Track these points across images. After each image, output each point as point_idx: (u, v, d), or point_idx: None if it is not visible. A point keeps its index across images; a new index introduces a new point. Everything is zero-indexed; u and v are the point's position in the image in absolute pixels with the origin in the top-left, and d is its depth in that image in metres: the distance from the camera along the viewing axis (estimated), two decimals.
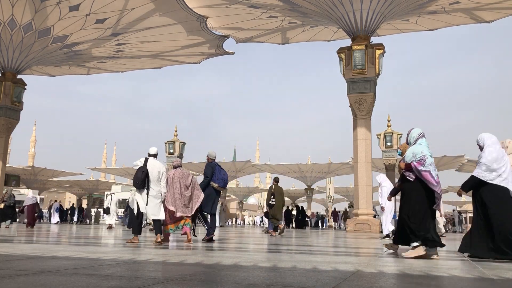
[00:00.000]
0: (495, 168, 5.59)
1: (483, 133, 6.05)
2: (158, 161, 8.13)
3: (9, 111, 21.85)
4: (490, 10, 20.75)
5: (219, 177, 8.75)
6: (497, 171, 5.59)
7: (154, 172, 7.85)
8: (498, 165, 5.61)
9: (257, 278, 3.24)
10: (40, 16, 19.20)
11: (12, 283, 2.75)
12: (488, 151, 5.75)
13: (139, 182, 7.69)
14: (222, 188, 8.83)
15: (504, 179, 5.57)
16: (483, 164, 5.70)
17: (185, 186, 8.22)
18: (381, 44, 18.85)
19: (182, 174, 8.29)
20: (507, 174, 5.61)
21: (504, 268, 4.60)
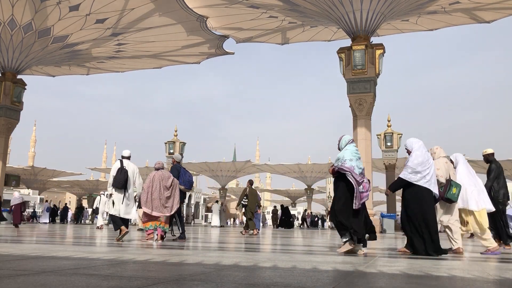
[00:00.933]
0: (420, 170, 6.14)
1: (411, 138, 6.62)
2: (131, 163, 8.67)
3: (9, 111, 21.85)
4: (490, 10, 20.75)
5: (184, 179, 9.20)
6: (421, 173, 6.14)
7: (130, 172, 8.39)
8: (423, 168, 6.16)
9: (257, 278, 3.24)
10: (40, 16, 19.20)
11: (12, 283, 2.75)
12: (414, 155, 6.32)
13: (122, 182, 8.21)
14: (187, 190, 9.29)
15: (427, 181, 6.12)
16: (409, 167, 6.24)
17: (165, 187, 8.57)
18: (381, 44, 18.85)
19: (163, 176, 8.64)
20: (430, 176, 6.16)
21: (503, 268, 4.61)
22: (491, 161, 8.82)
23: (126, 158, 8.72)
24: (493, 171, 8.50)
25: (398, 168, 33.66)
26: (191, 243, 8.41)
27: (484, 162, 9.06)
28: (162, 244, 7.78)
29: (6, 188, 29.69)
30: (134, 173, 8.57)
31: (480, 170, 42.06)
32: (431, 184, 6.17)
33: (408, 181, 6.18)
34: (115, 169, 8.40)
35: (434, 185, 6.25)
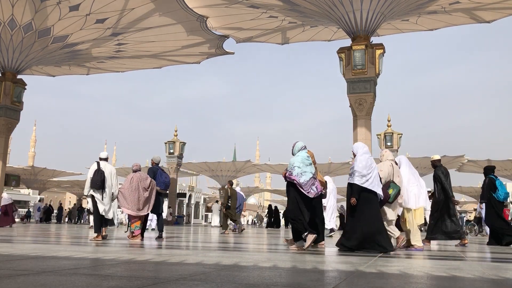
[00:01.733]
0: (365, 174, 6.71)
1: (357, 143, 7.33)
2: (108, 164, 9.06)
3: (9, 111, 21.84)
4: (490, 10, 20.75)
5: (160, 180, 9.46)
6: (366, 177, 6.71)
7: (107, 174, 8.74)
8: (367, 171, 6.74)
9: (257, 278, 3.24)
10: (40, 16, 19.20)
11: (12, 283, 2.75)
12: (359, 159, 6.89)
13: (98, 183, 8.57)
14: (163, 191, 9.59)
15: (371, 183, 6.70)
16: (356, 171, 6.81)
17: (144, 188, 8.91)
18: (381, 44, 18.85)
19: (141, 177, 8.98)
20: (373, 179, 6.75)
21: (503, 268, 4.61)
22: (436, 167, 9.72)
23: (103, 159, 9.08)
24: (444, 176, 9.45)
25: None
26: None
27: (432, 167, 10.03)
28: (159, 244, 7.78)
29: (6, 188, 29.67)
30: (111, 174, 8.90)
31: (479, 170, 42.07)
32: (374, 185, 6.73)
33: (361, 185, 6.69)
34: (92, 171, 8.70)
35: (378, 186, 6.79)
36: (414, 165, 37.28)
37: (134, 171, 9.25)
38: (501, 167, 39.81)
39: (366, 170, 6.73)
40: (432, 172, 10.00)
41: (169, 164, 34.31)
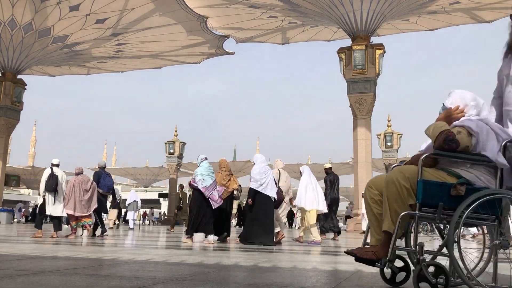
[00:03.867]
0: (258, 179, 7.91)
1: (256, 154, 8.60)
2: (60, 170, 10.03)
3: (9, 111, 21.85)
4: (490, 10, 20.75)
5: (103, 183, 10.38)
6: (259, 181, 7.90)
7: (59, 178, 9.73)
8: (261, 177, 7.93)
9: (257, 278, 3.24)
10: (40, 16, 19.20)
11: (12, 283, 2.75)
12: (255, 168, 8.12)
13: (53, 186, 9.56)
14: (106, 193, 10.61)
15: (264, 188, 7.87)
16: (252, 177, 8.03)
17: (85, 190, 9.73)
18: (381, 44, 18.84)
19: (82, 180, 9.80)
20: (266, 184, 7.89)
21: (503, 268, 4.60)
22: (327, 174, 11.89)
23: (56, 165, 9.96)
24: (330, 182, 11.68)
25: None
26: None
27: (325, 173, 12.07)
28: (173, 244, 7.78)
29: (6, 188, 29.71)
30: (62, 178, 9.93)
31: None
32: (267, 189, 7.89)
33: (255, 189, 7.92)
34: (46, 175, 9.66)
35: (271, 190, 7.98)
36: None
37: (77, 174, 10.01)
38: None
39: (260, 176, 7.93)
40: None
41: (169, 164, 34.25)
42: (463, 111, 2.77)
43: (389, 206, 2.59)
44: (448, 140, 2.55)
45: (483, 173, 2.58)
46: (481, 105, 2.81)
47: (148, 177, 63.38)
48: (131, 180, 68.90)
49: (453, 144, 2.54)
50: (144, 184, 66.11)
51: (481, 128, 2.59)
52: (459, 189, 2.47)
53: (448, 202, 2.47)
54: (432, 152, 2.60)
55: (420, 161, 2.55)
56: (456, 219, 2.39)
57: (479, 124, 2.62)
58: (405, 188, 2.56)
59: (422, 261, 2.41)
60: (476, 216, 2.47)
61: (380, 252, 2.61)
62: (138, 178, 65.19)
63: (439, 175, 2.58)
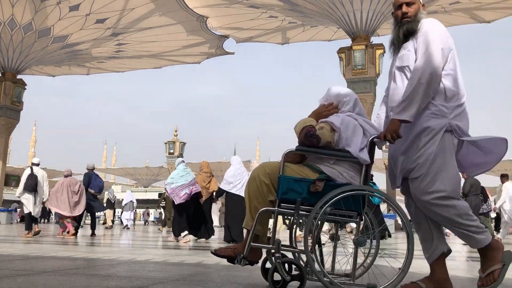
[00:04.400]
0: (232, 181, 8.20)
1: (233, 157, 8.98)
2: (40, 169, 10.18)
3: (9, 111, 21.84)
4: (490, 10, 20.76)
5: (94, 184, 10.62)
6: (233, 183, 8.17)
7: (39, 178, 9.84)
8: (235, 179, 8.21)
9: (257, 278, 3.24)
10: (40, 16, 19.20)
11: (12, 283, 2.75)
12: (229, 170, 8.44)
13: (32, 186, 9.66)
14: (97, 193, 10.80)
15: (238, 189, 8.07)
16: (224, 179, 8.31)
17: (73, 192, 9.96)
18: (382, 44, 18.85)
19: (70, 182, 10.05)
20: (242, 184, 8.01)
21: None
22: None
23: (36, 165, 10.14)
24: None
25: None
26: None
27: None
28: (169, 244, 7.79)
29: (6, 188, 29.70)
30: (43, 178, 10.04)
31: None
32: (241, 190, 7.98)
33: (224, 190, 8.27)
34: (25, 175, 9.77)
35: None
36: None
37: (65, 176, 10.31)
38: (501, 167, 39.75)
39: (234, 178, 8.23)
40: None
41: (169, 164, 34.22)
42: (337, 107, 2.77)
43: (250, 203, 2.58)
44: (308, 135, 2.54)
45: (346, 169, 2.56)
46: (352, 101, 2.79)
47: (148, 177, 63.37)
48: (131, 180, 68.88)
49: (314, 140, 2.54)
50: (144, 184, 66.10)
51: (347, 124, 2.58)
52: (317, 185, 2.46)
53: (308, 198, 2.45)
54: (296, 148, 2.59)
55: (282, 156, 2.55)
56: (313, 215, 2.37)
57: (346, 120, 2.61)
58: (265, 184, 2.54)
59: (276, 258, 2.40)
60: (339, 213, 2.44)
61: (240, 249, 2.57)
62: (138, 178, 65.18)
63: (302, 171, 2.56)
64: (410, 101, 2.40)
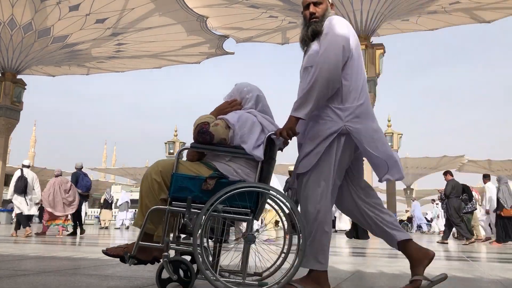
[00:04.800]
0: None
1: None
2: (30, 171, 10.32)
3: (9, 111, 21.82)
4: (490, 10, 20.74)
5: (82, 184, 10.82)
6: None
7: (29, 179, 10.00)
8: None
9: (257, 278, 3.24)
10: (40, 16, 19.19)
11: (12, 283, 2.75)
12: None
13: (22, 187, 9.81)
14: (85, 193, 11.04)
15: None
16: None
17: (65, 190, 10.19)
18: (381, 44, 18.85)
19: (61, 181, 10.25)
20: None
21: (504, 269, 4.62)
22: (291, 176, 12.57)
23: (26, 167, 10.24)
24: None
25: None
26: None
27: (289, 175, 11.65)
28: None
29: (6, 188, 29.66)
30: (33, 179, 10.17)
31: (479, 170, 42.09)
32: None
33: None
34: (15, 177, 9.92)
35: None
36: (414, 165, 37.34)
37: (56, 175, 10.48)
38: (501, 167, 39.79)
39: None
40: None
41: None
42: (241, 104, 2.76)
43: (141, 201, 2.56)
44: (201, 132, 2.54)
45: (242, 166, 2.54)
46: (255, 97, 2.77)
47: None
48: (131, 180, 68.88)
49: (207, 137, 2.53)
50: None
51: (245, 121, 2.57)
52: (207, 183, 2.44)
53: (200, 196, 2.43)
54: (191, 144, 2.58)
55: (176, 154, 2.56)
56: (204, 212, 2.35)
57: (244, 117, 2.60)
58: (156, 182, 2.52)
59: (164, 257, 2.38)
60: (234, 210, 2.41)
61: (130, 248, 2.54)
62: (138, 178, 65.09)
63: (196, 169, 2.55)
64: (306, 98, 2.40)
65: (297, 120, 2.42)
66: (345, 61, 2.47)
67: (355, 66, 2.52)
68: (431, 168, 40.71)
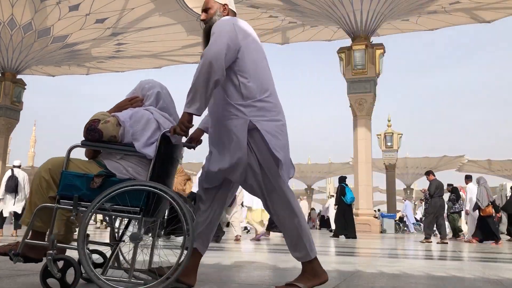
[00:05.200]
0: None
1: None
2: (21, 171, 10.40)
3: (9, 111, 21.81)
4: (490, 10, 20.74)
5: None
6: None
7: (20, 179, 10.13)
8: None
9: (257, 278, 3.24)
10: (40, 16, 19.19)
11: (12, 283, 2.75)
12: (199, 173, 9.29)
13: (12, 187, 9.98)
14: None
15: None
16: (195, 182, 8.76)
17: None
18: (381, 44, 18.85)
19: None
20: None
21: (503, 268, 4.62)
22: None
23: (17, 167, 10.37)
24: None
25: (398, 168, 33.64)
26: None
27: None
28: None
29: None
30: (24, 179, 10.32)
31: (479, 170, 42.09)
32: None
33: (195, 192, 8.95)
34: (6, 177, 10.11)
35: None
36: (414, 165, 37.32)
37: None
38: (501, 167, 39.79)
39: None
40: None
41: None
42: (142, 101, 2.75)
43: (30, 199, 2.55)
44: (90, 130, 2.52)
45: (133, 164, 2.52)
46: (154, 94, 2.77)
47: None
48: None
49: (95, 134, 2.51)
50: None
51: (139, 118, 2.56)
52: (94, 181, 2.43)
53: (88, 194, 2.42)
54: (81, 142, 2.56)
55: (67, 151, 2.53)
56: (90, 211, 2.34)
57: (139, 114, 2.59)
58: (45, 179, 2.51)
59: (48, 255, 2.36)
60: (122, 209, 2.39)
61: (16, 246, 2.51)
62: None
63: (87, 167, 2.53)
64: (194, 93, 2.42)
65: (189, 115, 2.42)
66: (234, 58, 2.49)
67: (251, 63, 2.54)
68: (431, 168, 40.66)
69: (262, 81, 2.57)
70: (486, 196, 11.14)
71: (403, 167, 38.52)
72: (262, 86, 2.55)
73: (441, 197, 11.10)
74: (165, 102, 2.80)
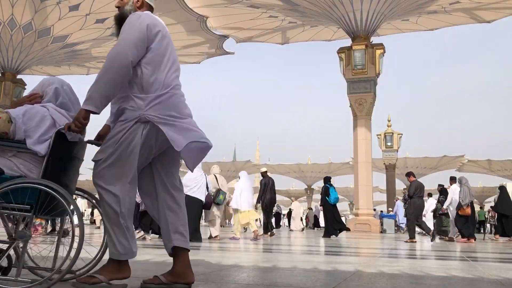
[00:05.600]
0: (189, 185, 8.61)
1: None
2: None
3: None
4: (490, 10, 20.74)
5: None
6: (189, 187, 8.63)
7: None
8: (191, 183, 8.73)
9: (257, 278, 3.24)
10: (40, 16, 19.20)
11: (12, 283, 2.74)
12: (187, 174, 8.78)
13: None
14: None
15: (194, 192, 8.73)
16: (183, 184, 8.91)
17: None
18: (381, 44, 18.85)
19: None
20: (197, 188, 8.81)
21: (504, 269, 4.61)
22: (264, 177, 12.49)
23: None
24: (264, 185, 12.22)
25: (398, 168, 33.62)
26: None
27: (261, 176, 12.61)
28: None
29: None
30: None
31: (479, 170, 42.07)
32: (197, 193, 8.77)
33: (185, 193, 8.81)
34: None
35: (200, 193, 8.85)
36: (414, 165, 37.46)
37: None
38: (501, 167, 39.80)
39: (190, 182, 8.72)
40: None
41: None
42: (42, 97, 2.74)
43: None
44: None
45: (25, 161, 2.50)
46: (52, 91, 2.75)
47: None
48: None
49: None
50: None
51: (33, 115, 2.53)
52: None
53: None
54: None
55: None
56: None
57: (33, 111, 2.56)
58: None
59: None
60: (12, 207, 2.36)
61: None
62: None
63: None
64: (93, 91, 2.40)
65: (86, 112, 2.39)
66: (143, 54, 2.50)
67: (157, 57, 2.55)
68: (431, 168, 40.71)
69: (167, 78, 2.58)
70: (468, 195, 11.50)
71: (403, 167, 38.52)
72: (164, 81, 2.56)
73: (421, 197, 11.29)
74: (65, 98, 2.77)
